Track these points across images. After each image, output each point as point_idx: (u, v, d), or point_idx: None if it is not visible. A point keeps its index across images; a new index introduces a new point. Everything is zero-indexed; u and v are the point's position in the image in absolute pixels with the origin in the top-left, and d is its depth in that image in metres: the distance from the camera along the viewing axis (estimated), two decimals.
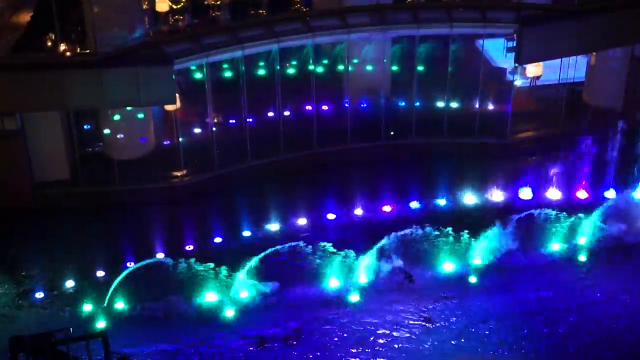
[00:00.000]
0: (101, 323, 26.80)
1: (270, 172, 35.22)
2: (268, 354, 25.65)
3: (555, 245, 30.15)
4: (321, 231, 30.72)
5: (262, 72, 41.16)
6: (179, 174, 34.87)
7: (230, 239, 30.86)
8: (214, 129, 35.73)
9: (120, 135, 35.45)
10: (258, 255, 28.48)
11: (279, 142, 35.91)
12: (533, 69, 39.87)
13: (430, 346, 25.74)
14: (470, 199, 33.33)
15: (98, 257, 29.01)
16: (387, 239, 28.96)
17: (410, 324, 26.66)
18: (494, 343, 25.90)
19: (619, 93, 38.93)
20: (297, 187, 34.27)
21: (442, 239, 29.56)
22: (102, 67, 31.75)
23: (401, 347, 25.68)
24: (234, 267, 28.18)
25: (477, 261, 29.28)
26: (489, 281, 28.64)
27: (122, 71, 31.97)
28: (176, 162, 34.78)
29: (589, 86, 39.97)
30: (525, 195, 33.18)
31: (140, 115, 35.52)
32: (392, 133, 37.18)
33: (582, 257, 29.69)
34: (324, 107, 38.70)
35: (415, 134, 37.21)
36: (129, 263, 29.25)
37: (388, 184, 33.87)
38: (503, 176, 34.23)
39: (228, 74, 41.16)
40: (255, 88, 36.50)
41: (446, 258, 29.26)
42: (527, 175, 33.89)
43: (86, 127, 37.73)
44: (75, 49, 35.31)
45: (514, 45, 36.75)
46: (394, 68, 40.14)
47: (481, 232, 29.55)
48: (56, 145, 34.15)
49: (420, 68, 38.16)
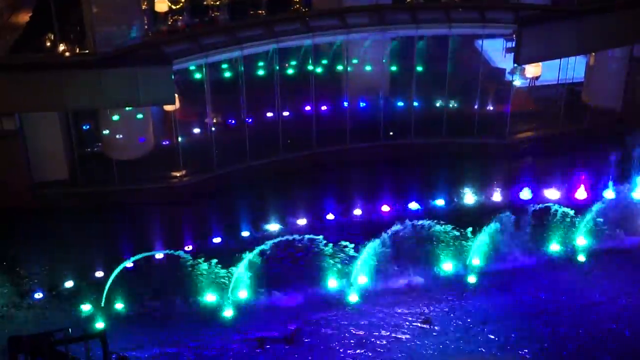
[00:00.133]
0: (100, 324, 26.82)
1: (269, 173, 35.25)
2: (267, 355, 25.69)
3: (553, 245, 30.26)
4: (320, 231, 30.64)
5: (262, 72, 41.19)
6: (178, 174, 34.86)
7: (229, 239, 30.83)
8: (213, 129, 35.77)
9: (119, 135, 35.44)
10: (253, 254, 28.58)
11: (278, 142, 35.93)
12: (532, 69, 39.86)
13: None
14: (469, 199, 33.35)
15: (97, 257, 28.98)
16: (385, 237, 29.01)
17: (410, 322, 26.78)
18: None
19: (618, 93, 38.94)
20: (297, 187, 34.31)
21: (442, 238, 29.68)
22: (101, 68, 31.76)
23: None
24: (232, 267, 28.21)
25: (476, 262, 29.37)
26: (488, 281, 28.75)
27: (121, 71, 31.97)
28: (175, 163, 34.79)
29: (588, 86, 39.96)
30: (525, 195, 33.21)
31: (139, 115, 35.51)
32: (392, 133, 37.19)
33: (581, 258, 29.79)
34: (323, 107, 38.68)
35: (414, 134, 37.25)
36: (129, 262, 29.37)
37: (387, 184, 33.88)
38: (502, 176, 34.23)
39: (227, 74, 41.19)
40: (254, 88, 36.51)
41: (445, 258, 29.37)
42: (526, 175, 33.86)
43: (85, 127, 37.74)
44: (74, 49, 35.25)
45: (513, 45, 36.78)
46: (393, 68, 40.18)
47: (479, 232, 29.58)
48: (55, 145, 34.14)
49: (419, 68, 38.20)
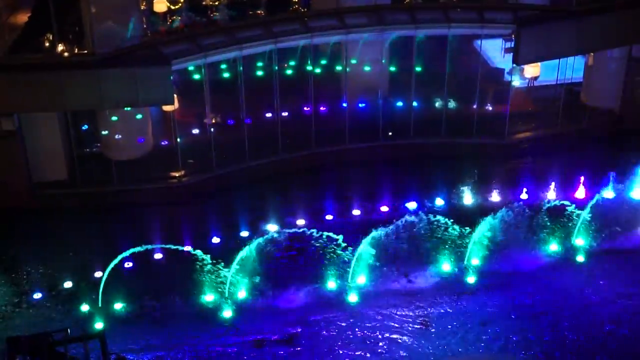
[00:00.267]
0: (99, 324, 26.84)
1: (268, 173, 35.28)
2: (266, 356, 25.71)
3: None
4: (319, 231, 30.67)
5: (260, 73, 41.21)
6: (177, 175, 34.87)
7: (228, 239, 30.83)
8: (212, 130, 35.78)
9: (118, 135, 35.45)
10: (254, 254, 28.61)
11: (277, 143, 35.95)
12: (531, 70, 39.89)
13: None
14: (468, 199, 33.37)
15: (96, 258, 28.95)
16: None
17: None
18: None
19: (617, 93, 38.96)
20: (296, 188, 34.32)
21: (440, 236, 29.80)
22: (100, 68, 31.77)
23: None
24: (231, 267, 28.23)
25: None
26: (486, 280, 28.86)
27: (120, 72, 31.95)
28: (174, 163, 34.79)
29: (587, 87, 39.98)
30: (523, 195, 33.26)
31: (138, 115, 35.51)
32: (390, 133, 37.20)
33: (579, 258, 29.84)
34: (322, 108, 38.68)
35: (413, 134, 37.27)
36: (127, 263, 29.40)
37: (386, 184, 33.89)
38: (501, 176, 34.21)
39: (226, 75, 41.21)
40: (253, 88, 36.53)
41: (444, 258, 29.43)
42: (525, 174, 33.84)
43: (84, 128, 37.76)
44: (73, 50, 35.28)
45: (512, 45, 36.80)
46: (392, 68, 40.20)
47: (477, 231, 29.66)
48: (54, 145, 34.14)
49: (418, 68, 38.21)
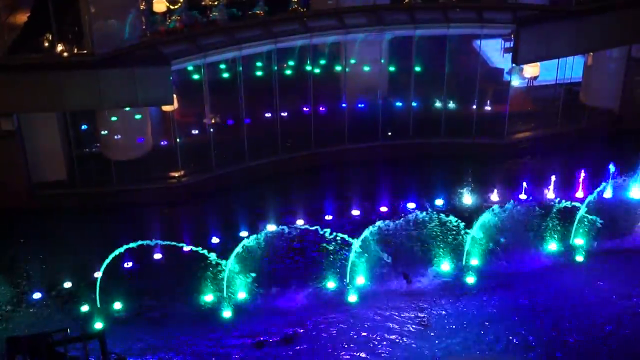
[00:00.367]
0: (98, 324, 26.84)
1: (268, 173, 35.29)
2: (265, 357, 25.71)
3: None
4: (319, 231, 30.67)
5: (260, 73, 41.21)
6: (177, 175, 34.87)
7: (228, 239, 30.82)
8: (212, 130, 35.77)
9: (117, 135, 35.44)
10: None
11: (277, 143, 35.95)
12: (530, 70, 39.89)
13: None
14: (467, 198, 33.37)
15: (96, 258, 28.93)
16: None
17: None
18: None
19: (616, 93, 38.97)
20: (295, 188, 34.32)
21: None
22: (100, 68, 31.78)
23: None
24: (232, 267, 28.22)
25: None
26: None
27: (120, 72, 31.94)
28: (174, 163, 34.78)
29: (586, 86, 40.00)
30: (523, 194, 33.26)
31: (137, 115, 35.50)
32: (390, 133, 37.20)
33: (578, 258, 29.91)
34: (321, 108, 38.66)
35: (412, 134, 37.27)
36: (127, 263, 29.42)
37: (386, 185, 33.88)
38: (500, 175, 34.21)
39: (225, 75, 41.20)
40: (252, 88, 36.53)
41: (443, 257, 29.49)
42: (524, 174, 33.81)
43: (83, 128, 37.74)
44: (72, 50, 35.23)
45: (511, 45, 36.82)
46: (392, 68, 40.21)
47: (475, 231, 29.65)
48: (53, 145, 34.12)
49: (417, 68, 38.22)
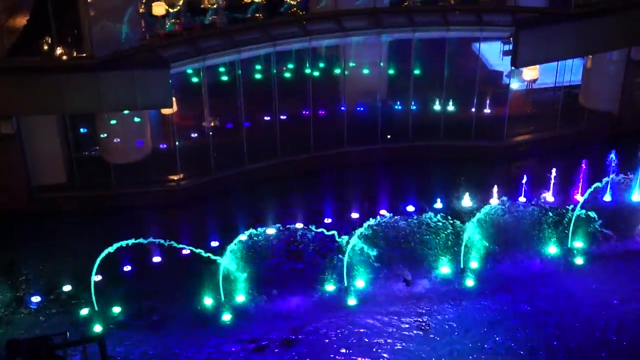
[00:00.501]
0: (98, 327, 26.83)
1: (267, 176, 35.29)
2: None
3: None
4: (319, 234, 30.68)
5: (259, 76, 41.23)
6: (176, 178, 34.85)
7: (227, 242, 30.79)
8: (211, 133, 35.76)
9: (116, 139, 35.42)
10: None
11: (276, 146, 35.94)
12: (529, 72, 39.90)
13: None
14: (467, 201, 33.37)
15: (95, 261, 28.92)
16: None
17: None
18: None
19: (616, 96, 38.98)
20: (295, 191, 34.34)
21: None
22: (99, 71, 31.79)
23: None
24: (231, 270, 28.21)
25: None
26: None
27: (119, 75, 31.94)
28: (173, 166, 34.76)
29: (586, 89, 40.02)
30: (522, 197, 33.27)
31: (136, 118, 35.49)
32: (389, 137, 37.18)
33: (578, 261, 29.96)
34: (321, 111, 38.65)
35: (412, 137, 37.27)
36: (126, 267, 29.43)
37: (385, 187, 33.87)
38: (500, 178, 34.20)
39: (225, 78, 41.21)
40: (252, 91, 36.53)
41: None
42: (524, 177, 33.80)
43: (83, 131, 37.73)
44: (71, 53, 35.24)
45: (511, 48, 36.82)
46: (391, 71, 40.23)
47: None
48: (53, 148, 34.12)
49: (416, 71, 38.23)
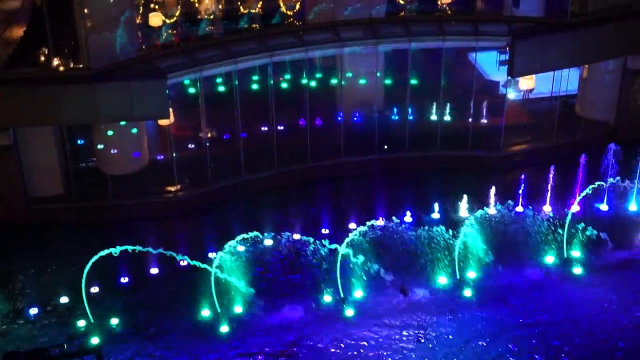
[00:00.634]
0: (95, 339, 26.77)
1: (264, 187, 35.27)
2: None
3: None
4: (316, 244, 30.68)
5: (256, 86, 41.26)
6: (173, 189, 34.82)
7: (225, 254, 30.76)
8: (208, 144, 35.75)
9: (113, 150, 35.39)
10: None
11: (273, 156, 35.94)
12: (526, 82, 39.97)
13: None
14: (464, 211, 33.38)
15: (93, 272, 28.85)
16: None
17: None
18: None
19: (612, 105, 39.06)
20: (292, 201, 34.30)
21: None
22: (96, 82, 31.81)
23: None
24: (227, 282, 28.20)
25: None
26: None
27: (116, 86, 31.99)
28: (170, 177, 34.73)
29: (582, 99, 40.11)
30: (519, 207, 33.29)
31: (133, 130, 35.47)
32: (386, 147, 37.19)
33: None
34: (318, 121, 38.70)
35: (409, 147, 37.30)
36: (124, 278, 29.39)
37: (382, 197, 33.84)
38: (497, 188, 34.21)
39: (222, 88, 41.23)
40: (249, 102, 36.56)
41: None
42: (521, 187, 33.83)
43: (79, 142, 37.71)
44: (68, 64, 35.27)
45: (507, 58, 36.93)
46: (387, 81, 40.29)
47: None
48: (50, 160, 34.12)
49: (413, 81, 38.29)
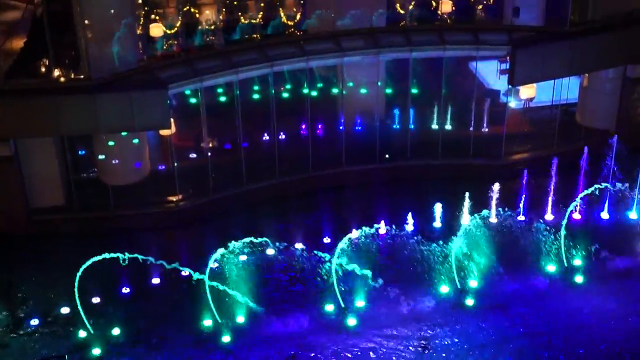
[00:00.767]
0: (97, 349, 26.72)
1: (266, 196, 35.25)
2: None
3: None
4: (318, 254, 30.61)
5: (257, 96, 41.30)
6: (174, 199, 34.80)
7: (226, 264, 30.71)
8: (209, 154, 35.76)
9: (114, 160, 35.39)
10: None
11: (275, 166, 35.94)
12: (526, 91, 40.03)
13: None
14: (466, 219, 33.32)
15: (94, 283, 28.83)
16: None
17: None
18: None
19: (612, 113, 39.07)
20: (293, 211, 34.28)
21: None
22: (96, 92, 31.83)
23: None
24: (230, 291, 28.16)
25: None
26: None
27: (117, 96, 32.01)
28: (171, 187, 34.70)
29: (582, 107, 40.14)
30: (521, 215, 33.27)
31: (134, 140, 35.48)
32: (387, 156, 37.19)
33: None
34: (319, 131, 38.73)
35: (410, 156, 37.30)
36: (125, 288, 29.35)
37: (384, 207, 33.77)
38: (499, 196, 34.20)
39: (223, 98, 41.28)
40: (250, 112, 36.58)
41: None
42: (522, 195, 33.80)
43: (80, 153, 37.71)
44: (69, 75, 35.34)
45: (507, 67, 36.97)
46: (388, 91, 40.32)
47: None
48: (51, 171, 34.12)
49: (414, 90, 38.33)
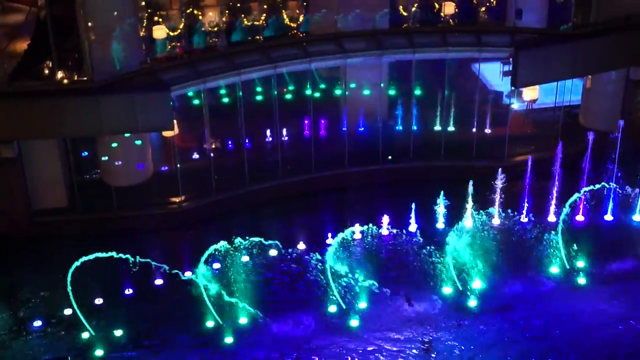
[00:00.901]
0: (99, 351, 26.77)
1: (268, 197, 35.27)
2: None
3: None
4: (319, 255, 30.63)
5: (260, 97, 41.32)
6: (177, 200, 34.85)
7: (229, 265, 30.78)
8: (212, 155, 35.81)
9: (117, 162, 35.44)
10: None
11: (277, 167, 35.97)
12: (529, 93, 40.01)
13: None
14: (468, 221, 33.35)
15: (97, 285, 28.87)
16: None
17: None
18: None
19: (615, 115, 38.99)
20: (295, 212, 34.33)
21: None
22: (100, 94, 31.89)
23: None
24: (232, 293, 28.17)
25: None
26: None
27: (119, 98, 32.10)
28: (174, 188, 34.75)
29: (585, 109, 40.11)
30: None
31: (137, 141, 35.52)
32: (390, 157, 37.20)
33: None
34: (322, 132, 38.75)
35: (413, 158, 37.31)
36: (128, 290, 29.40)
37: (386, 208, 33.78)
38: (502, 198, 34.22)
39: (226, 100, 41.31)
40: (253, 113, 36.62)
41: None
42: (525, 197, 33.79)
43: (84, 154, 37.76)
44: (72, 77, 35.40)
45: (510, 69, 36.97)
46: (391, 92, 40.33)
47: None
48: (54, 172, 34.18)
49: (417, 92, 38.33)
